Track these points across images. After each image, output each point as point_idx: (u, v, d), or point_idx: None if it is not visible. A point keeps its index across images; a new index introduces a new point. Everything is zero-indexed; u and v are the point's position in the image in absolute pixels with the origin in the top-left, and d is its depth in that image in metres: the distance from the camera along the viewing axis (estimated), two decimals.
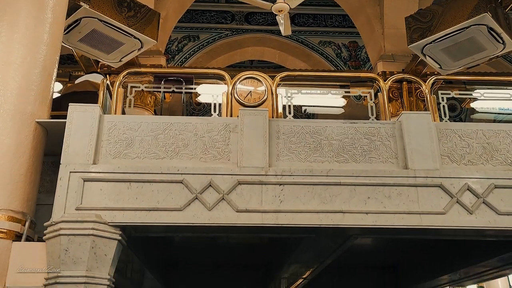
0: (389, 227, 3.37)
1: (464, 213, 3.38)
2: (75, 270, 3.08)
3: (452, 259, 5.10)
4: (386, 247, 5.75)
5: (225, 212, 3.34)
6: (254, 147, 3.52)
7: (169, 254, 5.97)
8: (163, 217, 3.30)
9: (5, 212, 3.31)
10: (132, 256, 4.29)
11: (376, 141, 3.64)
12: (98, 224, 3.18)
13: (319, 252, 4.41)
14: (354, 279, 6.80)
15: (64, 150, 3.41)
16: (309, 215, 3.36)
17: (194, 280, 6.52)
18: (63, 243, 3.09)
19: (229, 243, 5.47)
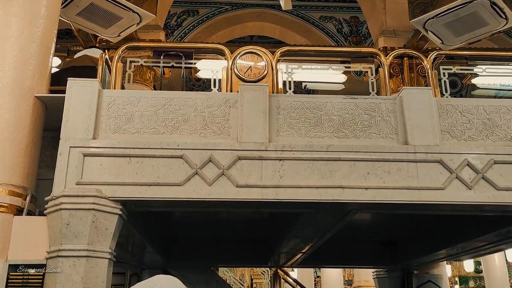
0: (388, 202, 3.40)
1: (463, 188, 3.40)
2: (77, 243, 3.11)
3: (450, 234, 5.15)
4: (384, 222, 5.80)
5: (225, 187, 3.35)
6: (254, 123, 3.52)
7: (169, 228, 6.02)
8: (163, 192, 3.31)
9: (6, 187, 3.32)
10: (132, 230, 4.33)
11: (377, 117, 3.63)
12: (99, 198, 3.20)
13: (319, 227, 4.44)
14: (352, 253, 6.87)
15: (64, 125, 3.41)
16: (308, 190, 3.38)
17: (194, 254, 6.59)
18: (64, 217, 3.12)
19: (229, 218, 5.51)
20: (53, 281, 3.04)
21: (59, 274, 3.03)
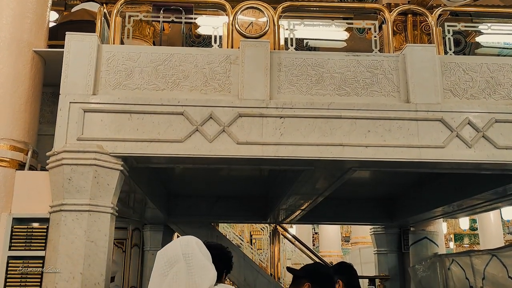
0: (388, 160, 3.42)
1: (463, 147, 3.41)
2: (79, 198, 3.15)
3: (447, 192, 5.20)
4: (383, 180, 5.85)
5: (226, 144, 3.36)
6: (255, 79, 3.49)
7: (170, 185, 6.08)
8: (164, 148, 3.32)
9: (7, 142, 3.33)
10: (134, 186, 4.37)
11: (379, 75, 3.60)
12: (100, 154, 3.21)
13: (318, 184, 4.48)
14: (350, 210, 6.96)
15: (63, 80, 3.38)
16: (309, 147, 3.39)
17: (195, 210, 6.68)
18: (66, 173, 3.14)
19: (230, 175, 5.55)
20: (57, 235, 3.10)
21: (62, 227, 3.09)
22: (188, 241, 2.03)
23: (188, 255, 1.96)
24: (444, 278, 5.66)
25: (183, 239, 2.05)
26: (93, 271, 3.10)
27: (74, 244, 3.08)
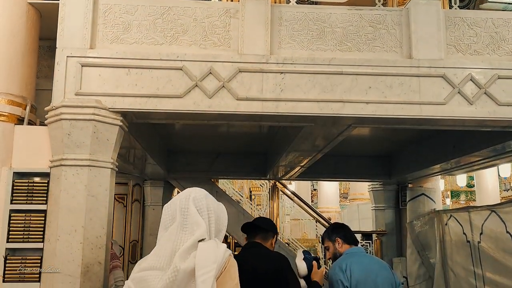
0: (388, 117, 3.40)
1: (464, 103, 3.39)
2: (79, 153, 3.15)
3: (446, 149, 5.22)
4: (382, 137, 5.86)
5: (226, 100, 3.34)
6: (255, 34, 3.42)
7: (170, 141, 6.09)
8: (163, 104, 3.30)
9: (5, 96, 3.31)
10: (134, 142, 4.38)
11: (381, 29, 3.53)
12: (99, 109, 3.19)
13: (318, 141, 4.49)
14: (349, 167, 7.02)
15: (59, 33, 3.31)
16: (309, 104, 3.37)
17: (195, 166, 6.73)
18: (65, 128, 3.13)
19: (229, 131, 5.55)
20: (58, 189, 3.13)
21: (62, 182, 3.11)
22: (187, 196, 2.00)
23: (184, 210, 1.95)
24: (441, 233, 5.76)
25: (183, 193, 2.04)
26: (94, 225, 3.14)
27: (75, 198, 3.11)
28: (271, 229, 3.28)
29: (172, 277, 1.78)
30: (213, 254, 1.82)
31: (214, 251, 1.83)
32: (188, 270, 1.78)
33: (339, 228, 3.52)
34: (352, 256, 3.31)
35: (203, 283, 1.74)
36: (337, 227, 3.53)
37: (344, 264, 3.23)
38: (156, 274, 1.83)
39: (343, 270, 3.18)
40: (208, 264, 1.78)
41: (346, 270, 3.17)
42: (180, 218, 1.92)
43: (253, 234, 3.22)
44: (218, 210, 2.03)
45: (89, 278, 3.07)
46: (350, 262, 3.23)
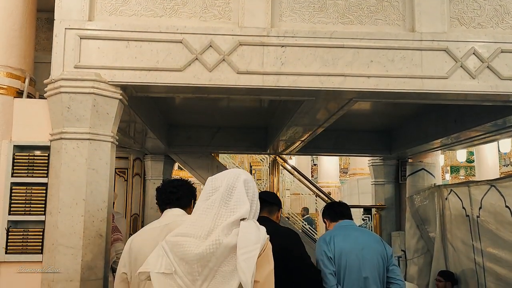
0: (390, 91, 3.38)
1: (466, 77, 3.36)
2: (79, 126, 3.14)
3: (447, 124, 5.20)
4: (383, 112, 5.85)
5: (226, 73, 3.31)
6: (256, 6, 3.37)
7: (170, 115, 6.08)
8: (163, 77, 3.28)
9: (3, 69, 3.28)
10: (134, 116, 4.36)
11: (384, 2, 3.47)
12: (98, 83, 3.17)
13: (318, 115, 4.47)
14: (350, 142, 7.02)
15: (57, 5, 3.26)
16: (310, 77, 3.34)
17: (195, 141, 6.73)
18: (64, 101, 3.11)
19: (230, 105, 5.53)
20: (59, 162, 3.13)
21: (63, 155, 3.11)
22: (238, 176, 2.04)
23: (231, 187, 1.99)
24: (441, 207, 5.80)
25: (232, 172, 2.07)
26: (95, 198, 3.16)
27: (75, 172, 3.12)
28: (276, 203, 3.29)
29: (212, 248, 1.83)
30: (255, 234, 1.88)
31: (256, 232, 1.89)
32: (230, 246, 1.82)
33: (325, 209, 3.66)
34: (338, 229, 3.40)
35: (245, 261, 1.78)
36: (324, 208, 3.67)
37: (328, 236, 3.31)
38: (192, 241, 1.87)
39: (327, 242, 3.25)
40: (250, 243, 1.83)
41: (329, 242, 3.25)
42: (225, 195, 1.96)
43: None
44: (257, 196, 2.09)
45: (91, 250, 3.10)
46: (335, 234, 3.31)
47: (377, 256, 3.26)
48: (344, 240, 3.27)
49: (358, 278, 3.17)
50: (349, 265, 3.18)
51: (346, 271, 3.17)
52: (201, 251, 1.84)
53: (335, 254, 3.20)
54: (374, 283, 3.20)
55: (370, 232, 3.67)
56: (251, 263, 1.78)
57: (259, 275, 1.83)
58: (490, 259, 4.68)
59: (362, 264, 3.19)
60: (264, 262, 1.87)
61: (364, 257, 3.22)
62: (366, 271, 3.19)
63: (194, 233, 1.89)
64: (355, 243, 3.27)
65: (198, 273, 1.85)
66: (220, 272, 1.83)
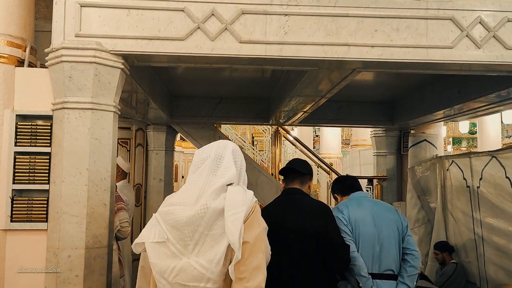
0: (394, 61, 3.35)
1: (472, 47, 3.32)
2: (81, 96, 3.13)
3: (450, 94, 5.18)
4: (386, 82, 5.80)
5: (228, 42, 3.27)
6: None
7: (172, 85, 6.05)
8: (165, 46, 3.24)
9: (4, 37, 3.25)
10: (136, 86, 4.34)
11: None
12: (100, 52, 3.14)
13: (321, 86, 4.44)
14: (352, 112, 6.99)
15: None
16: (313, 47, 3.30)
17: (197, 111, 6.71)
18: (66, 70, 3.09)
19: (232, 76, 5.49)
20: (61, 132, 3.13)
21: (65, 125, 3.11)
22: (226, 146, 2.15)
23: (219, 156, 2.10)
24: (442, 178, 5.82)
25: (222, 142, 2.18)
26: (98, 167, 3.17)
27: (78, 141, 3.12)
28: (308, 172, 3.18)
29: (201, 213, 1.92)
30: (242, 197, 1.96)
31: (243, 195, 1.98)
32: (217, 209, 1.92)
33: (333, 185, 3.64)
34: (352, 200, 3.39)
35: (232, 222, 1.88)
36: (332, 184, 3.65)
37: (343, 206, 3.30)
38: (182, 208, 1.97)
39: (341, 210, 3.25)
40: (237, 206, 1.92)
41: (343, 210, 3.24)
42: (213, 164, 2.08)
43: (291, 178, 3.13)
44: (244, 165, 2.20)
45: (95, 219, 3.14)
46: (349, 204, 3.31)
47: (392, 226, 3.24)
48: (359, 209, 3.25)
49: (373, 247, 3.16)
50: (363, 234, 3.16)
51: (361, 240, 3.17)
52: (190, 215, 1.92)
53: (350, 221, 3.21)
54: (389, 253, 3.18)
55: (384, 202, 3.65)
56: (237, 224, 1.88)
57: (249, 236, 1.90)
58: (489, 230, 4.72)
59: (377, 234, 3.18)
60: (253, 224, 1.94)
61: (380, 226, 3.21)
62: (382, 241, 3.17)
63: (184, 201, 1.98)
64: (370, 212, 3.25)
65: (189, 238, 1.93)
66: (210, 235, 1.91)
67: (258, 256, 1.91)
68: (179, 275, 1.91)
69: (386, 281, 3.17)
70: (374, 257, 3.17)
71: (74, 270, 3.06)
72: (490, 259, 4.71)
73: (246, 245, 1.89)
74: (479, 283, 4.91)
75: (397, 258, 3.22)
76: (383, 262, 3.18)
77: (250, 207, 1.96)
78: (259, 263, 1.90)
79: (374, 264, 3.16)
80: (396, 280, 3.19)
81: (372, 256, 3.16)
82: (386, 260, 3.18)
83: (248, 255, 1.89)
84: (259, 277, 1.88)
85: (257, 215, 2.00)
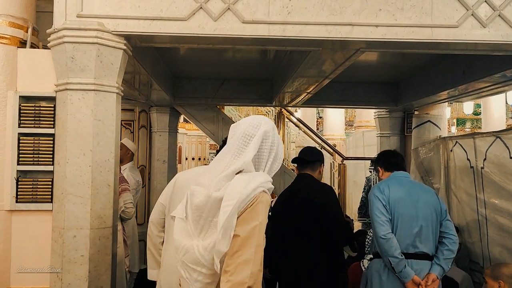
0: (398, 41, 3.31)
1: (477, 26, 3.28)
2: (84, 77, 3.12)
3: (455, 74, 5.13)
4: (390, 63, 5.76)
5: (231, 23, 3.24)
6: None
7: (175, 66, 6.02)
8: (168, 26, 3.22)
9: (5, 18, 3.24)
10: (138, 67, 4.33)
11: None
12: (102, 32, 3.12)
13: (325, 66, 4.41)
14: (356, 93, 6.96)
15: None
16: (317, 27, 3.27)
17: (200, 92, 6.70)
18: (68, 51, 3.08)
19: (235, 57, 5.46)
20: (65, 113, 3.14)
21: (69, 106, 3.11)
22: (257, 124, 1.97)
23: (248, 136, 1.94)
24: (446, 159, 5.81)
25: (257, 119, 2.00)
26: (102, 148, 3.19)
27: (82, 122, 3.13)
28: (317, 159, 3.72)
29: (204, 200, 1.87)
30: (240, 188, 1.82)
31: (244, 186, 1.83)
32: (217, 199, 1.83)
33: (380, 156, 3.67)
34: (393, 179, 3.39)
35: (223, 214, 1.79)
36: (379, 155, 3.69)
37: (383, 185, 3.32)
38: (200, 191, 1.91)
39: (381, 190, 3.26)
40: (233, 197, 1.80)
41: (384, 190, 3.26)
42: (240, 143, 1.93)
43: (302, 165, 3.71)
44: (280, 148, 2.03)
45: (99, 200, 3.16)
46: (390, 184, 3.32)
47: (431, 209, 3.24)
48: (399, 190, 3.26)
49: (411, 229, 3.17)
50: (402, 214, 3.18)
51: (399, 221, 3.18)
52: (197, 202, 1.89)
53: (390, 201, 3.22)
54: (427, 236, 3.20)
55: (424, 185, 3.64)
56: (225, 216, 1.79)
57: (241, 229, 1.80)
58: (493, 210, 4.73)
59: (416, 215, 3.19)
60: (249, 217, 1.82)
61: (418, 209, 3.21)
62: (420, 223, 3.18)
63: (204, 183, 1.92)
64: (410, 194, 3.25)
65: (197, 221, 1.91)
66: (213, 222, 1.86)
67: (249, 251, 1.78)
68: (185, 255, 1.90)
69: (420, 261, 3.20)
70: (411, 237, 3.19)
71: (79, 250, 3.09)
72: (494, 239, 4.73)
73: (236, 239, 1.79)
74: (482, 262, 4.94)
75: (434, 240, 3.24)
76: (419, 244, 3.20)
77: (245, 200, 1.81)
78: (247, 258, 1.77)
79: (410, 245, 3.19)
80: (431, 261, 3.22)
81: (409, 236, 3.19)
82: (423, 242, 3.21)
83: (237, 248, 1.78)
84: (244, 272, 1.75)
85: (258, 207, 1.84)
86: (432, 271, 3.19)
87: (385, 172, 3.52)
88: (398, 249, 3.14)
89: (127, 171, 5.44)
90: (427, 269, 3.20)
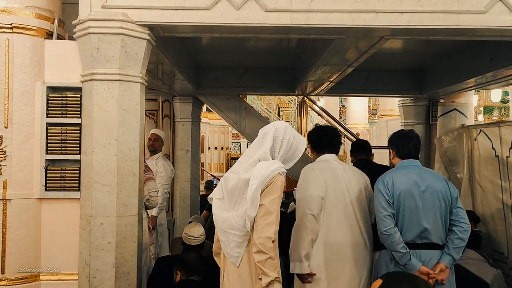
0: (423, 28, 3.26)
1: (505, 12, 3.19)
2: (109, 68, 3.17)
3: (482, 62, 5.02)
4: (415, 50, 5.66)
5: (254, 11, 3.24)
6: None
7: (198, 56, 6.05)
8: (190, 16, 3.23)
9: (32, 10, 3.29)
10: (162, 57, 4.37)
11: None
12: (126, 23, 3.16)
13: (348, 55, 4.37)
14: (380, 82, 6.88)
15: None
16: (340, 14, 3.24)
17: (223, 82, 6.72)
18: (93, 42, 3.13)
19: (258, 46, 5.45)
20: (90, 103, 3.20)
21: (94, 96, 3.17)
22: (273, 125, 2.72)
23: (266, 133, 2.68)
24: (469, 148, 5.71)
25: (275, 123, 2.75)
26: (127, 138, 3.24)
27: (107, 112, 3.18)
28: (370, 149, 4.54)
29: (237, 182, 2.59)
30: (262, 171, 2.51)
31: (265, 170, 2.52)
32: (246, 180, 2.55)
33: (394, 138, 3.44)
34: (400, 169, 3.27)
35: (251, 189, 2.49)
36: (392, 136, 3.45)
37: (388, 177, 3.22)
38: (232, 176, 2.65)
39: (385, 183, 3.17)
40: (257, 177, 2.50)
41: (387, 183, 3.17)
42: (260, 139, 2.69)
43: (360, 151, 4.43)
44: (296, 142, 2.70)
45: (125, 188, 3.22)
46: (395, 175, 3.20)
47: (439, 198, 3.12)
48: (405, 181, 3.14)
49: (418, 220, 3.10)
50: (408, 207, 3.11)
51: (406, 213, 3.11)
52: (231, 186, 2.63)
53: (394, 196, 3.14)
54: (435, 226, 3.12)
55: (434, 172, 3.49)
56: (251, 191, 2.48)
57: (265, 200, 2.49)
58: None
59: (422, 207, 3.11)
60: (270, 191, 2.50)
61: (425, 199, 3.13)
62: (427, 213, 3.11)
63: (236, 171, 2.66)
64: (416, 185, 3.14)
65: (231, 199, 2.63)
66: (243, 197, 2.56)
67: (272, 215, 2.48)
68: (224, 223, 2.62)
69: (430, 251, 3.12)
70: (418, 228, 3.10)
71: (106, 237, 3.17)
72: None
73: (262, 207, 2.48)
74: (506, 252, 4.87)
75: (442, 230, 3.14)
76: (427, 234, 3.11)
77: (266, 179, 2.49)
78: (271, 221, 2.47)
79: (418, 236, 3.13)
80: (442, 250, 3.16)
81: (416, 227, 3.10)
82: (431, 232, 3.11)
83: (263, 214, 2.48)
84: (270, 230, 2.45)
85: (276, 185, 2.52)
86: (441, 260, 3.10)
87: (395, 157, 3.39)
88: (401, 243, 3.07)
89: (161, 160, 5.59)
90: (436, 258, 3.11)
